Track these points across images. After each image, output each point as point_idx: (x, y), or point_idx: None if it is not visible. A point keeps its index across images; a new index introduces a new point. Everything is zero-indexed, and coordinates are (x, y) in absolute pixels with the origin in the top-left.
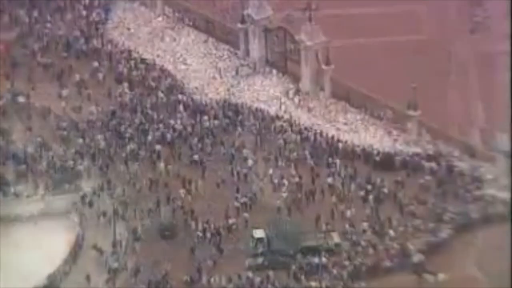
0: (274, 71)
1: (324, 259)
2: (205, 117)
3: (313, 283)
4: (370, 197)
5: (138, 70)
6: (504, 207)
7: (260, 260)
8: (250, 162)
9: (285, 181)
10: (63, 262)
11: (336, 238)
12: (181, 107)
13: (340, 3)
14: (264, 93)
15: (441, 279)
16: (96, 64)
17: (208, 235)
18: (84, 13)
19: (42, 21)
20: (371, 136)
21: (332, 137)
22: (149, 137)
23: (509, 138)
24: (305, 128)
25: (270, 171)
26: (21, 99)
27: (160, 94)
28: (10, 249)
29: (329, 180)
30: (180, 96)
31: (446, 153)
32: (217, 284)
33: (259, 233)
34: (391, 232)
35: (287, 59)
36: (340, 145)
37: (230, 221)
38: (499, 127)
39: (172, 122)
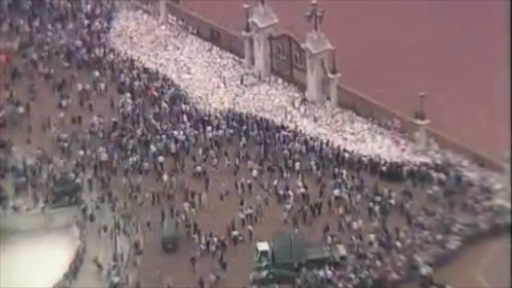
0: (280, 80)
1: (329, 272)
2: (209, 127)
3: None
4: (377, 208)
5: (141, 79)
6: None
7: (264, 273)
8: (254, 173)
9: (291, 193)
10: (64, 277)
11: (342, 250)
12: (184, 117)
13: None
14: (269, 102)
15: None
16: (97, 74)
17: (212, 248)
18: (86, 22)
19: (43, 30)
20: (378, 146)
21: (339, 147)
22: (152, 149)
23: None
24: (311, 138)
25: (275, 182)
26: (21, 110)
27: (163, 104)
28: (10, 264)
29: (336, 191)
30: (183, 106)
31: (454, 162)
32: None
33: (263, 246)
34: (398, 244)
35: (292, 68)
36: (347, 155)
37: (234, 233)
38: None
39: (175, 132)
